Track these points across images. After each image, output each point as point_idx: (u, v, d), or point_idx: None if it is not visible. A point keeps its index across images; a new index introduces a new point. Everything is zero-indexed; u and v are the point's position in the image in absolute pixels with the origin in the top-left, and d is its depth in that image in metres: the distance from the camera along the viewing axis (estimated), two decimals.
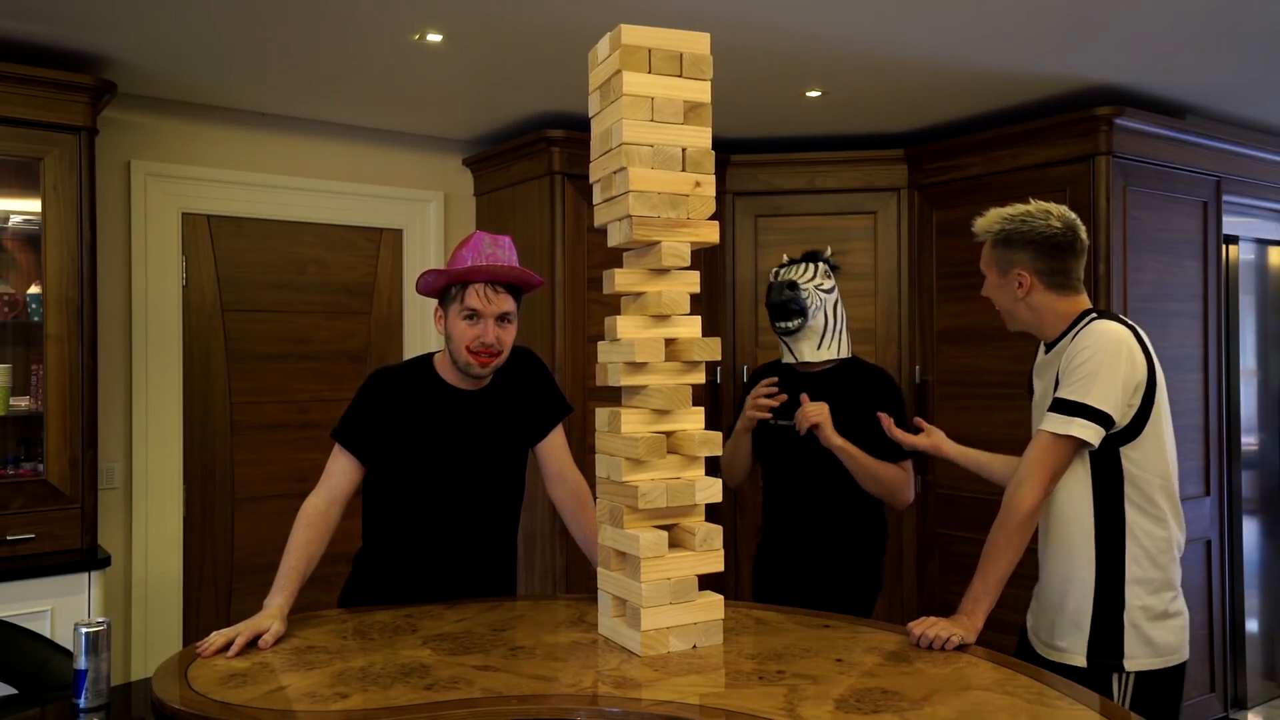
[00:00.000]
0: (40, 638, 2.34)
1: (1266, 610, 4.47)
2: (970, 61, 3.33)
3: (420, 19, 2.92)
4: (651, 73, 1.88)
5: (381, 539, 2.32)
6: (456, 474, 2.26)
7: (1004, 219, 2.14)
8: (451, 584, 2.29)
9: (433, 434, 2.24)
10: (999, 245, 2.14)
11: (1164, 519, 2.05)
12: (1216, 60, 3.34)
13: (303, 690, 1.70)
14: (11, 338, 3.32)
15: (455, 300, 2.17)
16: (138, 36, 3.06)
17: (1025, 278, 2.11)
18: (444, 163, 4.42)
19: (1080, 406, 1.97)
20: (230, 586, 3.90)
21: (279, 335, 4.02)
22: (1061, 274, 2.11)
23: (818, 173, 4.28)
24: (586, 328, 3.96)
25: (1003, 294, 2.16)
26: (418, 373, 2.29)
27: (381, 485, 2.29)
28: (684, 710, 1.59)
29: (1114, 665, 2.01)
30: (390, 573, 2.30)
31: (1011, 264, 2.12)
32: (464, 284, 2.15)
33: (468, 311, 2.15)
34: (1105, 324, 2.03)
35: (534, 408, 2.37)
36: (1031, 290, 2.11)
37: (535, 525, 3.92)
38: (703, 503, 1.94)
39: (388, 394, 2.24)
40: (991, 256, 2.16)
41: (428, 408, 2.24)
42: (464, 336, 2.16)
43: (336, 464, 2.22)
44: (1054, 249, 2.10)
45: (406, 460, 2.24)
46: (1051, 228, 2.10)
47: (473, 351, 2.16)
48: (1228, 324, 4.21)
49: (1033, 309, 2.13)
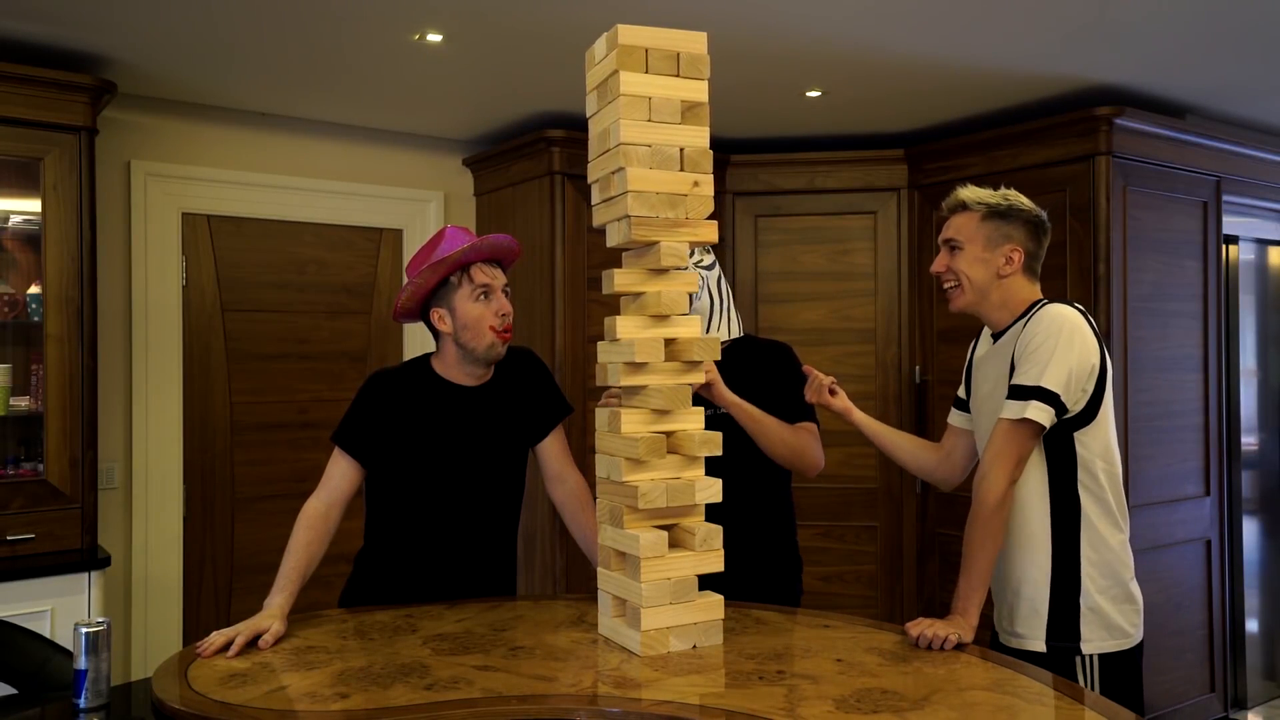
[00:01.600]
0: (40, 638, 2.34)
1: (1266, 610, 4.47)
2: (970, 61, 3.33)
3: (420, 19, 2.92)
4: (649, 72, 1.87)
5: (383, 538, 2.33)
6: (458, 472, 2.26)
7: (996, 194, 2.13)
8: (452, 582, 2.29)
9: (434, 433, 2.24)
10: (993, 218, 2.11)
11: (1110, 504, 2.09)
12: (1216, 60, 3.34)
13: (303, 690, 1.70)
14: (11, 338, 3.32)
15: (460, 286, 2.17)
16: (138, 36, 3.06)
17: (1017, 255, 2.10)
18: (444, 163, 4.42)
19: (1035, 390, 1.98)
20: (230, 586, 3.90)
21: (279, 335, 4.02)
22: (1038, 260, 2.15)
23: (818, 173, 4.28)
24: (586, 328, 3.96)
25: (984, 268, 2.11)
26: (417, 373, 2.29)
27: (383, 485, 2.29)
28: (684, 710, 1.59)
29: (1073, 649, 2.04)
30: (391, 572, 2.30)
31: (1007, 239, 2.11)
32: (463, 268, 2.16)
33: (480, 290, 2.16)
34: (1057, 308, 2.04)
35: (535, 407, 2.37)
36: (1016, 270, 2.11)
37: (535, 525, 3.92)
38: (703, 503, 1.95)
39: (387, 395, 2.25)
40: (980, 228, 2.11)
41: (428, 407, 2.24)
42: (484, 316, 2.17)
43: (336, 467, 2.22)
44: (1041, 233, 2.14)
45: (408, 460, 2.24)
46: (1037, 213, 2.14)
47: (497, 330, 2.18)
48: (1228, 324, 4.21)
49: (1005, 289, 2.12)
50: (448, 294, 2.19)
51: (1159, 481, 3.74)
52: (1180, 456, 3.83)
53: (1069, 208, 3.65)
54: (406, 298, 2.20)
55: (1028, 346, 2.01)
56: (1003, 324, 2.14)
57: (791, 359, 2.50)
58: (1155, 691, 3.72)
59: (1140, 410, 3.67)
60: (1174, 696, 3.81)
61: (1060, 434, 2.04)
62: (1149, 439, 3.70)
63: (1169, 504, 3.77)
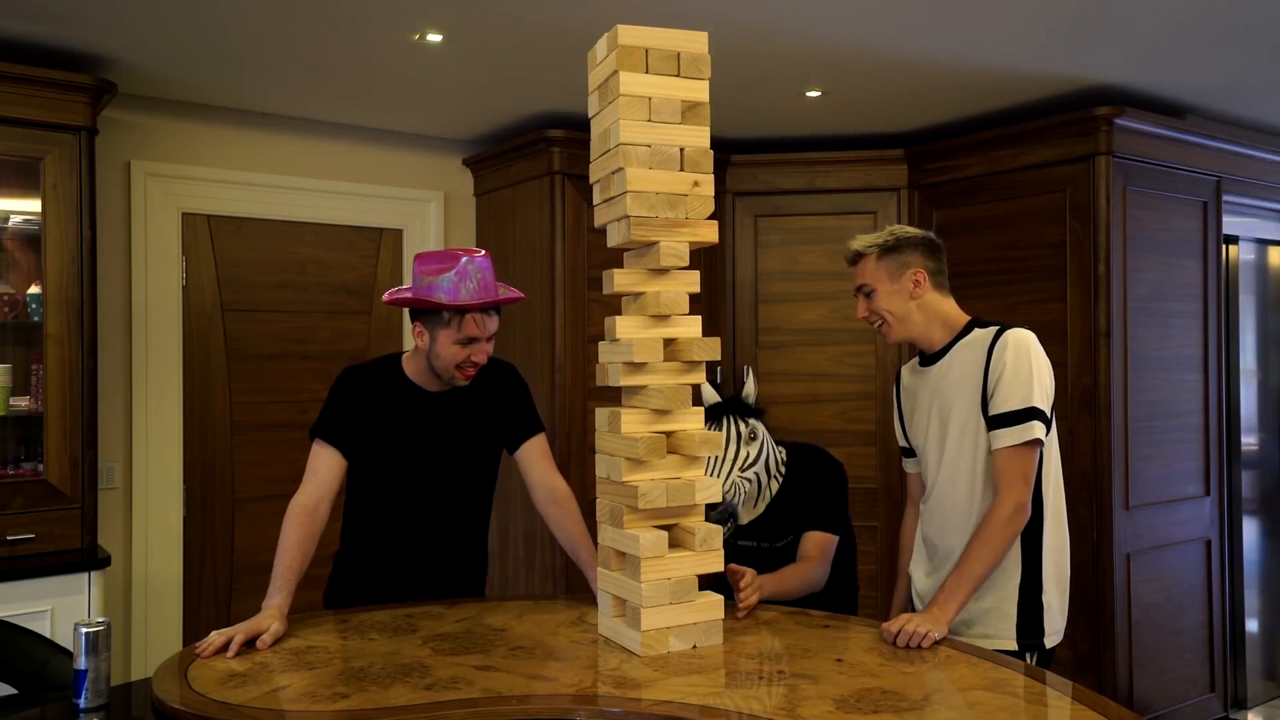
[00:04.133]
0: (40, 638, 2.34)
1: (1266, 610, 4.47)
2: (970, 61, 3.33)
3: (420, 19, 2.92)
4: (649, 73, 1.88)
5: (354, 536, 2.37)
6: (424, 472, 2.30)
7: (883, 233, 2.26)
8: (421, 580, 2.33)
9: (402, 432, 2.28)
10: (888, 253, 2.23)
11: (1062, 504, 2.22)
12: (1216, 60, 3.34)
13: (303, 690, 1.70)
14: (11, 338, 3.32)
15: (449, 326, 2.17)
16: (138, 36, 3.06)
17: (921, 275, 2.22)
18: (444, 163, 4.41)
19: (1029, 411, 2.09)
20: (230, 586, 3.90)
21: (279, 335, 4.02)
22: (943, 275, 2.26)
23: (818, 173, 4.28)
24: (586, 328, 3.96)
25: (897, 299, 2.23)
26: (387, 372, 2.33)
27: (355, 481, 2.34)
28: (684, 710, 1.59)
29: (1037, 645, 2.15)
30: (364, 570, 2.34)
31: (906, 265, 2.22)
32: (460, 312, 2.15)
33: (466, 339, 2.18)
34: (1018, 333, 2.15)
35: (506, 419, 2.39)
36: (925, 289, 2.22)
37: (535, 525, 3.92)
38: (703, 503, 1.95)
39: (360, 390, 2.29)
40: (879, 267, 2.24)
41: (397, 407, 2.28)
42: (456, 356, 2.19)
43: (320, 460, 2.25)
44: (936, 250, 2.26)
45: (379, 455, 2.28)
46: (924, 235, 2.26)
47: (461, 369, 2.21)
48: (1228, 324, 4.21)
49: (924, 309, 2.23)
50: (435, 323, 2.19)
51: (1159, 481, 3.74)
52: (1180, 456, 3.83)
53: (1069, 208, 3.65)
54: (402, 302, 2.23)
55: (1004, 373, 2.11)
56: (941, 342, 2.25)
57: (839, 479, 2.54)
58: (1155, 691, 3.72)
59: (1140, 410, 3.67)
60: (1174, 696, 3.81)
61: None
62: (1149, 439, 3.70)
63: (1169, 504, 3.77)
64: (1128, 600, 3.60)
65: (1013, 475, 2.08)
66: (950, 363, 2.22)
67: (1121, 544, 3.58)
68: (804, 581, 2.40)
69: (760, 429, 2.50)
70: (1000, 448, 2.10)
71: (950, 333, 2.24)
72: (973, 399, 2.16)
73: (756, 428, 2.49)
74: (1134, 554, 3.63)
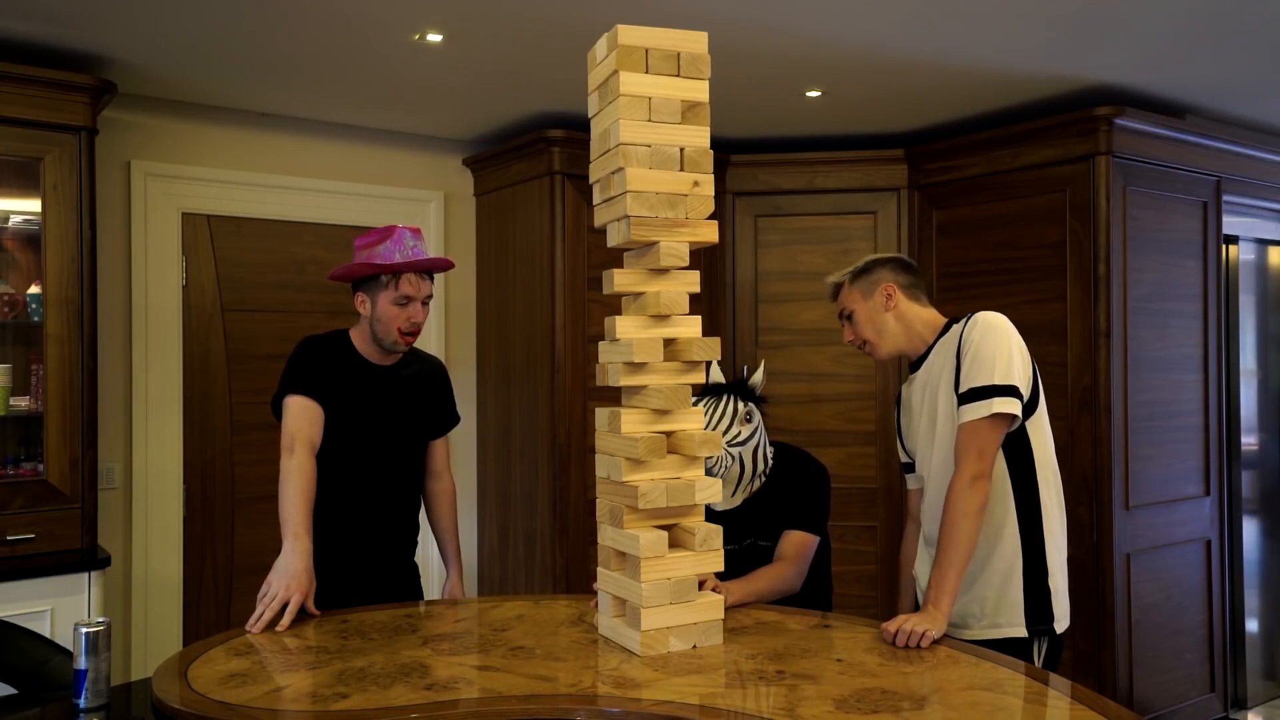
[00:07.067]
0: (40, 638, 2.34)
1: (1266, 610, 4.47)
2: (970, 61, 3.33)
3: (420, 19, 2.92)
4: (649, 73, 1.88)
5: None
6: (372, 438, 2.45)
7: (856, 264, 2.38)
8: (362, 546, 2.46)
9: (354, 400, 2.44)
10: (859, 277, 2.35)
11: (1059, 487, 2.24)
12: (1216, 60, 3.34)
13: (303, 690, 1.70)
14: (11, 338, 3.32)
15: (387, 288, 2.38)
16: (138, 36, 3.06)
17: (892, 289, 2.31)
18: (444, 163, 4.41)
19: (991, 388, 2.10)
20: (230, 586, 3.89)
21: (279, 335, 4.01)
22: (918, 288, 2.35)
23: (818, 173, 4.28)
24: (586, 328, 3.95)
25: (873, 316, 2.32)
26: (339, 344, 2.50)
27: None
28: (684, 710, 1.59)
29: (1047, 630, 2.17)
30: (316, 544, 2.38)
31: (877, 282, 2.32)
32: (396, 274, 2.37)
33: (402, 298, 2.38)
34: (987, 314, 2.20)
35: (436, 407, 2.63)
36: (898, 301, 2.31)
37: (535, 525, 3.92)
38: (703, 503, 1.95)
39: (320, 357, 2.45)
40: (854, 289, 2.35)
41: (349, 376, 2.46)
42: (396, 319, 2.40)
43: (301, 412, 2.37)
44: (907, 266, 2.36)
45: (334, 421, 2.40)
46: (893, 255, 2.39)
47: (404, 332, 2.41)
48: (1228, 324, 4.21)
49: (902, 319, 2.32)
50: (375, 288, 2.41)
51: (1159, 481, 3.74)
52: (1180, 456, 3.83)
53: (1069, 208, 3.65)
54: (343, 274, 2.45)
55: (969, 350, 2.14)
56: (921, 348, 2.32)
57: (823, 482, 2.55)
58: (1155, 691, 3.72)
59: (1140, 410, 3.67)
60: (1174, 696, 3.81)
61: (1015, 430, 2.17)
62: (1149, 439, 3.70)
63: (1169, 504, 3.77)
64: (1128, 600, 3.60)
65: (967, 448, 2.09)
66: (933, 359, 2.28)
67: (1121, 544, 3.58)
68: (776, 583, 2.38)
69: (757, 415, 2.52)
70: (961, 422, 2.12)
71: (932, 335, 2.30)
72: (951, 385, 2.19)
73: (754, 412, 2.51)
74: (1134, 554, 3.63)
